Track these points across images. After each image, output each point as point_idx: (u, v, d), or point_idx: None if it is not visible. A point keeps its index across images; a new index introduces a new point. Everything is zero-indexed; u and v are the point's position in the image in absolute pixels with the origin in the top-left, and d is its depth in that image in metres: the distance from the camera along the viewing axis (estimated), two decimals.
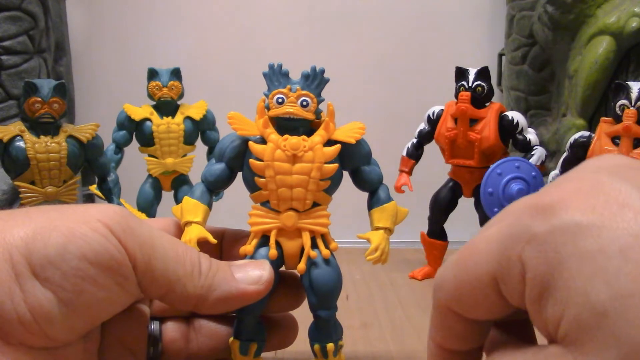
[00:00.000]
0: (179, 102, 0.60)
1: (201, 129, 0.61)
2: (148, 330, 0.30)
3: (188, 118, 0.59)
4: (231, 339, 0.32)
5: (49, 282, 0.21)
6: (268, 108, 0.31)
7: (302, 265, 0.31)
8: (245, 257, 0.31)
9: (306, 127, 0.31)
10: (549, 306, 0.16)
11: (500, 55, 0.86)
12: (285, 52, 0.83)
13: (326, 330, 0.32)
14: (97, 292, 0.22)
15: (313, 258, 0.31)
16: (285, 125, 0.31)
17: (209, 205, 0.32)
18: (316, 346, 0.32)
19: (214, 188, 0.32)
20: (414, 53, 0.87)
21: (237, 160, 0.32)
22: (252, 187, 0.31)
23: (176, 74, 0.59)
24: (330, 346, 0.32)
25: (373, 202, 0.33)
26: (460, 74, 0.55)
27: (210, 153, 0.63)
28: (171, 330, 0.31)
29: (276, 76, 0.31)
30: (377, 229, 0.33)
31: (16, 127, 0.47)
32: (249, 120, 0.32)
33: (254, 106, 0.32)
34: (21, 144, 0.46)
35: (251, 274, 0.27)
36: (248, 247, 0.31)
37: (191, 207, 0.31)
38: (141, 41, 0.87)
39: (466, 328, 0.20)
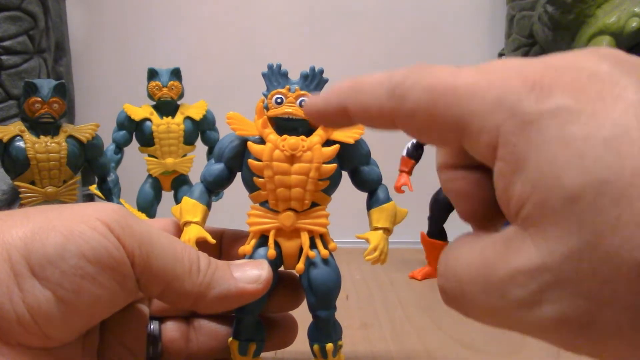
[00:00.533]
0: (179, 102, 0.60)
1: (201, 129, 0.61)
2: (147, 330, 0.30)
3: (188, 118, 0.60)
4: (230, 339, 0.32)
5: (48, 282, 0.21)
6: (267, 108, 0.31)
7: (300, 266, 0.31)
8: (244, 257, 0.31)
9: (305, 127, 0.31)
10: (517, 184, 0.15)
11: (500, 55, 0.86)
12: (285, 52, 0.83)
13: (325, 330, 0.32)
14: (96, 290, 0.22)
15: (312, 258, 0.31)
16: (284, 126, 0.31)
17: (208, 206, 0.32)
18: (315, 346, 0.32)
19: (213, 188, 0.32)
20: (414, 53, 0.87)
21: (236, 161, 0.32)
22: (251, 187, 0.31)
23: (176, 74, 0.59)
24: (329, 346, 0.32)
25: (372, 203, 0.33)
26: None
27: (210, 153, 0.63)
28: (170, 330, 0.31)
29: (275, 76, 0.31)
30: (376, 229, 0.33)
31: (16, 127, 0.47)
32: (248, 120, 0.32)
33: (253, 106, 0.32)
34: (21, 144, 0.46)
35: (250, 273, 0.27)
36: (247, 247, 0.31)
37: (190, 207, 0.31)
38: (141, 41, 0.87)
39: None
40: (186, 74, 0.60)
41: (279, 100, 0.31)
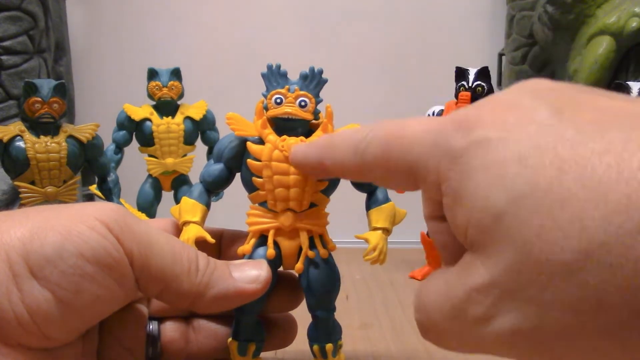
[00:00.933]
0: (179, 102, 0.60)
1: (201, 129, 0.61)
2: (146, 330, 0.30)
3: (188, 118, 0.60)
4: (230, 339, 0.32)
5: (47, 282, 0.21)
6: (266, 109, 0.31)
7: (299, 266, 0.31)
8: (243, 257, 0.31)
9: (305, 128, 0.31)
10: (459, 213, 0.17)
11: (500, 55, 0.86)
12: (285, 52, 0.83)
13: (325, 330, 0.32)
14: (95, 290, 0.22)
15: (311, 258, 0.31)
16: (284, 126, 0.31)
17: (207, 206, 0.32)
18: (315, 346, 0.32)
19: (213, 188, 0.32)
20: (413, 53, 0.87)
21: (236, 161, 0.32)
22: (250, 187, 0.31)
23: (176, 74, 0.59)
24: (329, 346, 0.32)
25: (371, 203, 0.33)
26: (460, 74, 0.55)
27: (210, 153, 0.63)
28: (170, 330, 0.31)
29: (274, 77, 0.31)
30: (375, 229, 0.33)
31: (16, 127, 0.47)
32: (248, 120, 0.32)
33: (253, 106, 0.32)
34: (21, 144, 0.46)
35: (249, 273, 0.27)
36: (246, 247, 0.31)
37: (189, 207, 0.31)
38: (141, 41, 0.87)
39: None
40: (186, 74, 0.60)
41: (278, 101, 0.31)
